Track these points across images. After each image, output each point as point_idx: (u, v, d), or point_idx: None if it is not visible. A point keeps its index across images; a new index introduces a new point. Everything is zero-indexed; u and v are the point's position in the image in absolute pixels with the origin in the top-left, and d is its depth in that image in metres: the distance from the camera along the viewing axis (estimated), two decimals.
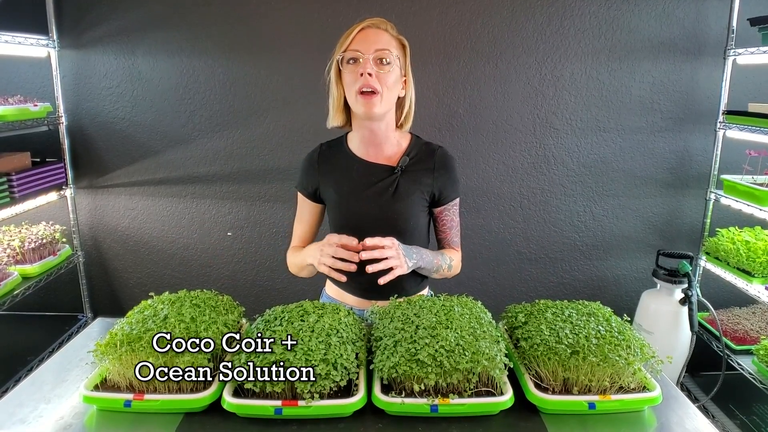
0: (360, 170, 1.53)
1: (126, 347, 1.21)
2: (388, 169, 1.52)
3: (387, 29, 1.44)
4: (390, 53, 1.40)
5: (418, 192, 1.52)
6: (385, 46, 1.40)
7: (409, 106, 1.52)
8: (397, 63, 1.42)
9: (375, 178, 1.52)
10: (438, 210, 1.58)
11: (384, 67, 1.40)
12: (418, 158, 1.54)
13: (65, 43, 2.53)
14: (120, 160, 2.66)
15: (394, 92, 1.45)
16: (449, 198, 1.56)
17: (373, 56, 1.39)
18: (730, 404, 2.36)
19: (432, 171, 1.53)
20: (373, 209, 1.51)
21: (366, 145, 1.54)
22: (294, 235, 1.69)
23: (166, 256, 2.76)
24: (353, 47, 1.40)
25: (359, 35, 1.41)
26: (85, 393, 1.20)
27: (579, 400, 1.19)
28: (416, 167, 1.53)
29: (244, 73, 2.55)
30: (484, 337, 1.23)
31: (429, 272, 1.56)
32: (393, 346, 1.22)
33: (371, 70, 1.38)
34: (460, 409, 1.16)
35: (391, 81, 1.41)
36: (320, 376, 1.15)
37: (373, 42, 1.40)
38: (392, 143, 1.54)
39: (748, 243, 2.33)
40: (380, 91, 1.39)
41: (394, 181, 1.50)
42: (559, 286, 2.78)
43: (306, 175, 1.60)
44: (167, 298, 1.42)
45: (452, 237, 1.61)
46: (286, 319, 1.31)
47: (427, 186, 1.53)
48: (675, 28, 2.48)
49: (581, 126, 2.58)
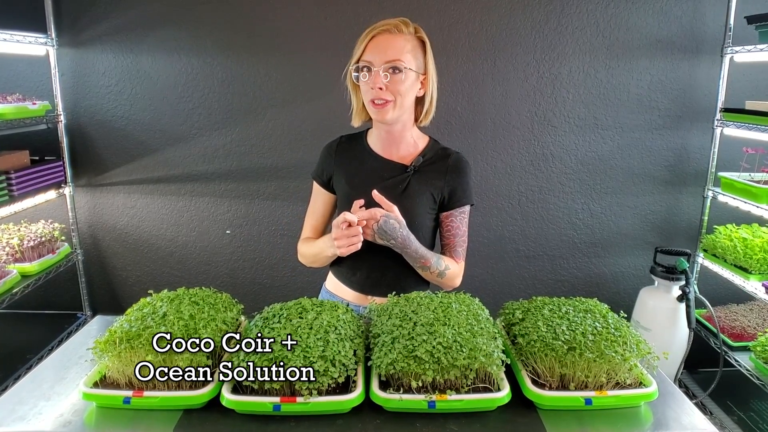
0: (374, 165, 1.56)
1: (125, 344, 1.22)
2: (401, 168, 1.54)
3: (402, 31, 1.41)
4: (401, 62, 1.38)
5: (428, 193, 1.53)
6: (396, 55, 1.38)
7: (429, 103, 1.51)
8: (412, 67, 1.41)
9: (387, 174, 1.53)
10: (444, 214, 1.57)
11: (396, 77, 1.39)
12: (432, 160, 1.55)
13: (64, 42, 2.53)
14: (119, 158, 2.66)
15: (409, 97, 1.45)
16: (458, 203, 1.55)
17: (384, 67, 1.38)
18: (727, 401, 2.37)
19: (444, 174, 1.53)
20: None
21: (382, 142, 1.56)
22: (305, 226, 1.69)
23: (165, 254, 2.76)
24: (365, 58, 1.41)
25: (371, 44, 1.41)
26: (85, 390, 1.20)
27: (576, 395, 1.20)
28: (429, 168, 1.54)
29: (242, 71, 2.55)
30: (482, 334, 1.24)
31: (414, 262, 1.52)
32: (391, 342, 1.23)
33: (382, 84, 1.38)
34: (458, 405, 1.17)
35: (405, 88, 1.41)
36: (318, 372, 1.15)
37: (384, 51, 1.39)
38: (408, 143, 1.56)
39: (745, 240, 2.34)
40: (392, 100, 1.41)
41: (406, 179, 1.52)
42: (557, 283, 2.78)
43: (323, 163, 1.62)
44: (166, 296, 1.43)
45: (455, 245, 1.58)
46: (284, 317, 1.32)
47: (437, 188, 1.53)
48: (672, 26, 2.48)
49: (579, 123, 2.59)
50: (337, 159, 1.60)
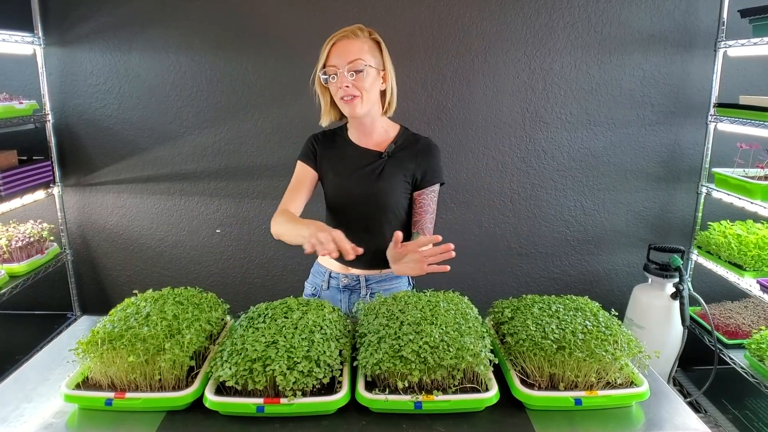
0: (353, 153, 1.72)
1: (107, 345, 1.21)
2: (377, 154, 1.70)
3: (357, 35, 1.59)
4: (361, 62, 1.55)
5: (401, 175, 1.68)
6: (356, 56, 1.55)
7: (391, 95, 1.68)
8: (371, 64, 1.58)
9: (365, 161, 1.70)
10: (417, 193, 1.70)
11: (359, 75, 1.56)
12: (404, 146, 1.71)
13: (51, 41, 2.51)
14: (108, 157, 2.63)
15: (373, 91, 1.61)
16: (429, 182, 1.69)
17: (347, 68, 1.55)
18: (722, 399, 2.36)
19: (415, 157, 1.69)
20: (359, 187, 1.69)
21: (358, 133, 1.73)
22: (285, 198, 1.74)
23: (155, 254, 2.74)
24: (330, 63, 1.58)
25: (333, 50, 1.57)
26: (67, 392, 1.19)
27: (565, 396, 1.18)
28: (401, 153, 1.70)
29: (231, 69, 2.53)
30: (470, 333, 1.22)
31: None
32: (377, 342, 1.21)
33: (348, 82, 1.55)
34: (445, 406, 1.15)
35: (368, 84, 1.58)
36: (302, 373, 1.14)
37: (345, 54, 1.56)
38: (380, 132, 1.73)
39: (739, 236, 2.32)
40: (359, 95, 1.57)
41: (381, 165, 1.68)
42: (549, 281, 2.77)
43: (310, 147, 1.78)
44: (150, 296, 1.42)
45: (425, 222, 1.69)
46: (269, 316, 1.31)
47: (409, 170, 1.68)
48: (665, 21, 2.46)
49: (571, 120, 2.57)
50: (320, 146, 1.77)
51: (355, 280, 1.78)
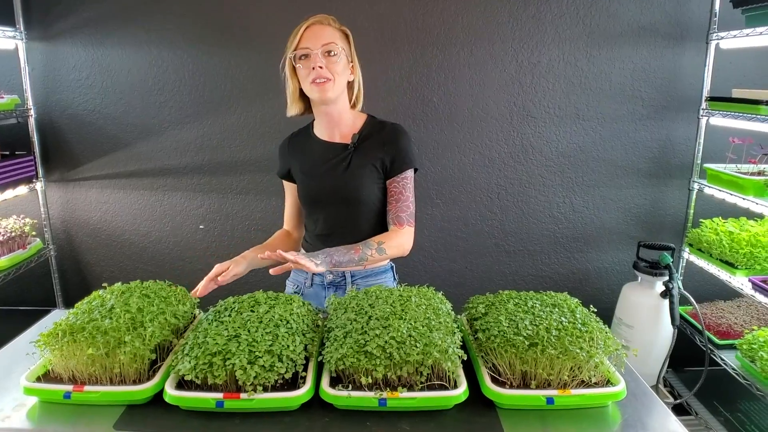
0: (319, 150, 1.70)
1: (68, 338, 1.19)
2: (343, 147, 1.67)
3: (330, 23, 1.60)
4: (336, 45, 1.56)
5: (370, 165, 1.64)
6: (331, 39, 1.56)
7: (358, 88, 1.69)
8: (343, 53, 1.58)
9: (332, 155, 1.67)
10: (389, 181, 1.66)
11: (332, 58, 1.55)
12: (370, 134, 1.67)
13: (33, 35, 2.48)
14: (90, 152, 2.61)
15: (344, 77, 1.60)
16: (399, 169, 1.64)
17: (321, 50, 1.54)
18: (714, 401, 2.31)
19: (383, 145, 1.65)
20: (328, 183, 1.66)
21: (325, 127, 1.69)
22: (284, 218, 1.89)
23: (139, 250, 2.72)
24: (303, 45, 1.56)
25: (306, 32, 1.57)
26: (26, 384, 1.18)
27: (536, 394, 1.14)
28: (367, 142, 1.66)
29: (213, 64, 2.50)
30: (439, 329, 1.19)
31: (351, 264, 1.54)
32: (343, 337, 1.18)
33: (321, 63, 1.54)
34: (410, 403, 1.11)
35: (340, 68, 1.57)
36: (264, 368, 1.10)
37: (320, 37, 1.55)
38: (347, 123, 1.68)
39: (731, 234, 2.27)
40: (332, 79, 1.55)
41: (347, 157, 1.65)
42: (538, 279, 2.72)
43: (281, 161, 1.81)
44: (118, 289, 1.40)
45: (397, 211, 1.64)
46: (235, 310, 1.28)
47: (378, 159, 1.64)
48: (656, 12, 2.41)
49: (560, 114, 2.52)
50: (290, 153, 1.76)
51: (341, 276, 1.75)
